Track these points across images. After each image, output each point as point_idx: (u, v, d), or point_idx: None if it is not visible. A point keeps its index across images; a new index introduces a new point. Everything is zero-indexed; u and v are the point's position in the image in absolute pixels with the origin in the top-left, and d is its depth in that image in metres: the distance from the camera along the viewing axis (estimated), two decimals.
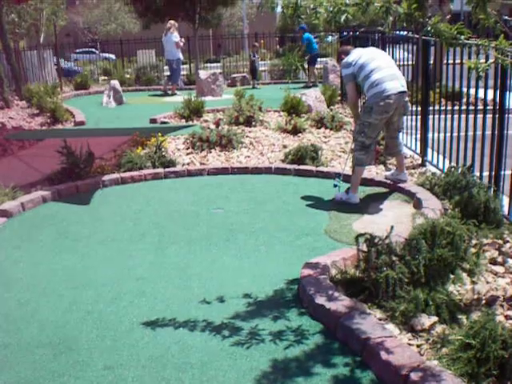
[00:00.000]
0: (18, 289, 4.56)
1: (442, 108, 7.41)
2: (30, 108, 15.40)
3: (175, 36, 16.84)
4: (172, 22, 17.30)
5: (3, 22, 16.98)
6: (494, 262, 4.62)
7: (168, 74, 18.06)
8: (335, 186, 6.51)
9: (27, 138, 11.23)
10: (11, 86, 17.47)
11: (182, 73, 19.18)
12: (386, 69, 6.37)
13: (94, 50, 38.58)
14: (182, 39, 17.37)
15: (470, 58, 6.10)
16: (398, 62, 9.52)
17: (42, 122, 13.42)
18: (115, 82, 16.25)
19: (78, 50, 39.39)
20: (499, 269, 4.50)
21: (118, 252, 5.28)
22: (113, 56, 33.54)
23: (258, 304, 4.12)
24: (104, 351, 3.58)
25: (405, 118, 8.76)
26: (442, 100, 8.36)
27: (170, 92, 17.50)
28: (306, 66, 18.45)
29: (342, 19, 3.71)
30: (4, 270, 4.97)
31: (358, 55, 6.50)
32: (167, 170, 7.91)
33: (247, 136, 9.86)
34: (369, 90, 6.32)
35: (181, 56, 17.22)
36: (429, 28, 3.79)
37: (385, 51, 9.73)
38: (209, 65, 27.29)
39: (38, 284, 4.63)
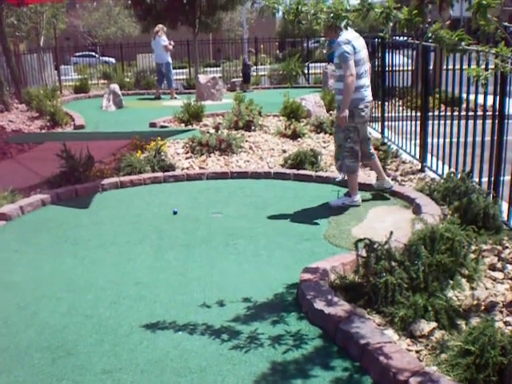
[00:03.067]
0: (16, 292, 4.56)
1: (442, 114, 7.42)
2: (29, 111, 15.41)
3: (163, 39, 16.88)
4: (160, 25, 17.37)
5: (3, 25, 17.00)
6: (493, 267, 4.62)
7: (156, 78, 18.08)
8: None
9: (27, 141, 11.23)
10: (11, 89, 17.47)
11: (180, 77, 19.21)
12: (368, 75, 6.40)
13: (93, 53, 38.61)
14: (172, 42, 17.37)
15: (469, 64, 6.12)
16: (397, 68, 9.58)
17: (42, 125, 13.43)
18: (115, 86, 16.26)
19: (77, 54, 39.46)
20: (498, 275, 4.50)
21: (117, 256, 5.28)
22: (112, 60, 33.55)
23: (258, 308, 4.12)
24: (103, 355, 3.58)
25: (404, 123, 8.78)
26: (442, 106, 8.37)
27: (170, 97, 17.50)
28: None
29: (343, 25, 3.72)
30: (3, 273, 4.96)
31: (358, 45, 6.17)
32: (166, 174, 7.91)
33: (247, 140, 9.87)
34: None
35: (170, 59, 17.24)
36: (429, 34, 3.80)
37: (384, 57, 9.77)
38: (208, 69, 27.34)
39: (37, 288, 4.63)
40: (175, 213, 6.40)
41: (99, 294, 4.45)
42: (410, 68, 9.94)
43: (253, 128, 10.99)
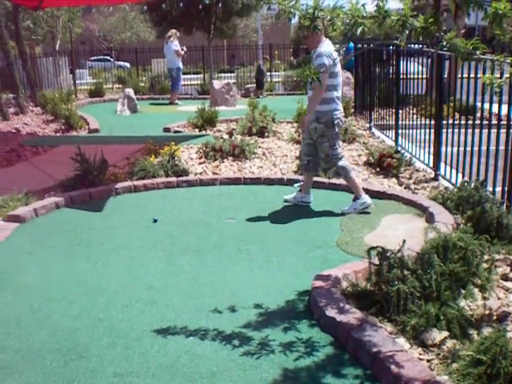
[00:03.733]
0: (29, 294, 4.58)
1: (456, 122, 7.40)
2: (44, 114, 15.52)
3: (175, 45, 16.93)
4: (173, 30, 17.42)
5: (19, 28, 17.15)
6: (505, 277, 4.60)
7: (170, 83, 18.16)
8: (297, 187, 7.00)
9: (41, 144, 11.31)
10: (26, 92, 17.60)
11: (194, 82, 19.26)
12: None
13: (108, 57, 38.83)
14: (184, 48, 17.45)
15: (484, 72, 6.10)
16: (412, 76, 9.56)
17: (57, 128, 13.51)
18: (130, 91, 16.34)
19: (92, 58, 39.71)
20: (511, 285, 4.48)
21: (129, 260, 5.30)
22: (127, 64, 33.73)
23: (269, 315, 4.12)
24: (114, 359, 3.59)
25: (418, 131, 8.77)
26: (456, 114, 8.34)
27: (170, 101, 17.60)
28: None
29: (359, 32, 3.72)
30: (16, 275, 4.99)
31: (336, 58, 6.35)
32: (180, 178, 7.93)
33: (260, 146, 9.89)
34: (327, 102, 6.38)
35: (181, 65, 17.29)
36: (444, 42, 3.79)
37: (399, 64, 9.76)
38: (223, 75, 27.42)
39: (50, 290, 4.65)
40: (155, 221, 6.39)
41: (111, 298, 4.47)
42: (424, 76, 9.93)
43: (266, 134, 11.01)
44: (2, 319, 4.17)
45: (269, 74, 23.41)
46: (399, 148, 9.37)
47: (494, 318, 3.95)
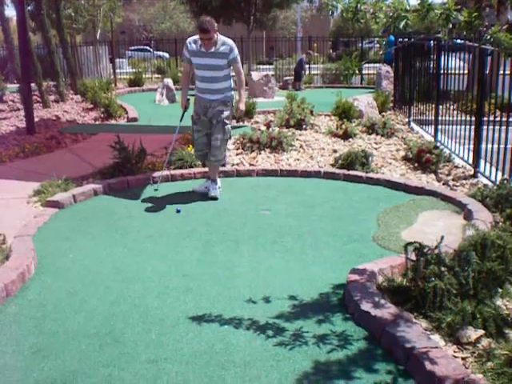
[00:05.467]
0: (67, 279, 4.66)
1: (497, 119, 7.29)
2: (84, 102, 15.71)
3: None
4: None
5: (61, 17, 17.34)
6: None
7: None
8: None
9: (81, 131, 11.46)
10: (67, 80, 17.82)
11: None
12: None
13: (148, 47, 39.06)
14: None
15: None
16: (452, 71, 9.43)
17: (96, 116, 13.67)
18: (168, 81, 16.45)
19: (132, 48, 39.98)
20: None
21: (165, 247, 5.34)
22: (166, 54, 33.89)
23: (303, 307, 4.12)
24: (149, 344, 3.63)
25: (458, 127, 8.66)
26: (497, 111, 8.22)
27: None
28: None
29: (402, 25, 3.69)
30: (54, 260, 5.07)
31: None
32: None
33: (297, 139, 9.87)
34: (229, 88, 7.01)
35: None
36: (488, 37, 3.74)
37: (440, 59, 9.63)
38: (261, 66, 27.39)
39: (87, 275, 4.72)
40: (178, 211, 6.43)
41: (147, 284, 4.52)
42: (465, 71, 9.79)
43: (304, 127, 10.99)
44: (40, 302, 4.24)
45: (307, 66, 23.32)
46: (438, 144, 9.28)
47: None
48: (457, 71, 9.41)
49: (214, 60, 6.67)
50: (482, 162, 7.67)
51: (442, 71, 9.65)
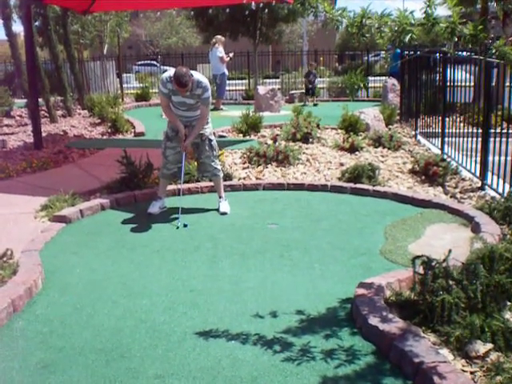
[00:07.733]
0: (74, 294, 4.66)
1: (504, 131, 7.28)
2: (91, 117, 15.77)
3: (220, 51, 16.97)
4: (218, 37, 17.46)
5: (68, 32, 17.45)
6: None
7: (216, 88, 18.22)
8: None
9: (88, 146, 11.49)
10: (74, 95, 17.91)
11: (239, 88, 19.31)
12: None
13: (155, 62, 39.22)
14: (231, 54, 17.52)
15: None
16: (458, 83, 9.43)
17: (103, 131, 13.71)
18: None
19: (139, 62, 40.18)
20: None
21: (172, 262, 5.34)
22: (173, 69, 33.97)
23: (311, 321, 4.10)
24: (156, 360, 3.62)
25: (465, 139, 8.65)
26: (504, 123, 8.21)
27: (215, 106, 17.62)
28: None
29: (407, 39, 3.70)
30: (61, 275, 5.08)
31: None
32: (224, 183, 7.94)
33: (304, 152, 9.87)
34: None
35: (225, 71, 17.34)
36: (493, 50, 3.74)
37: (446, 72, 9.64)
38: (267, 80, 27.45)
39: (94, 290, 4.72)
40: (185, 226, 6.41)
41: (154, 300, 4.51)
42: (471, 84, 9.79)
43: (310, 140, 10.98)
44: (47, 318, 4.24)
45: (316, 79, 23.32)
46: (445, 156, 9.26)
47: None
48: (463, 83, 9.42)
49: (190, 99, 6.74)
50: (490, 174, 7.64)
51: (448, 84, 9.66)
